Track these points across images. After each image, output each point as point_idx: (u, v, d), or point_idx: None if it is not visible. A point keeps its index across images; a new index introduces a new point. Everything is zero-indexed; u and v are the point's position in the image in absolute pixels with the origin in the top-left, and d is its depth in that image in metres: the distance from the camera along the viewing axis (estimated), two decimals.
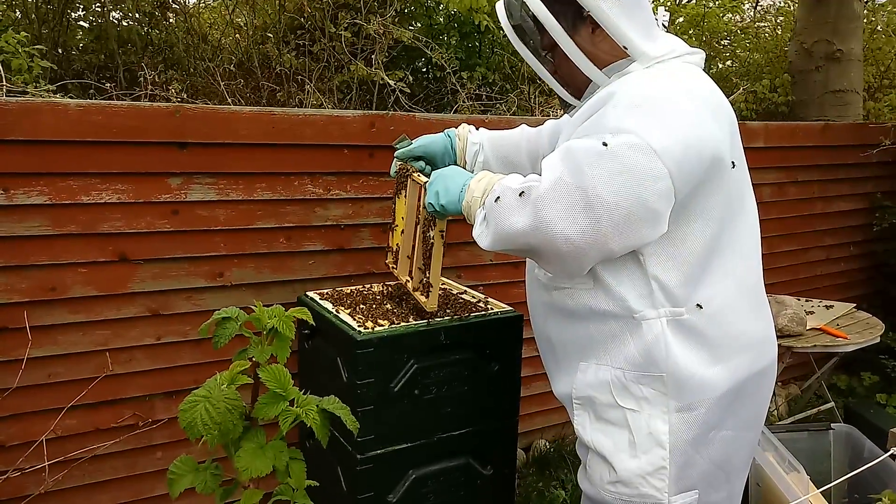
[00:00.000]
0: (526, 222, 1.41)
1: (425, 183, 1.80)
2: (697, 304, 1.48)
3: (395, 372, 1.96)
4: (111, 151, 2.16)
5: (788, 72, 4.89)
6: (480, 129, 2.07)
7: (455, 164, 2.02)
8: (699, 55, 1.57)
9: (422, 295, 1.96)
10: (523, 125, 2.06)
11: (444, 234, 1.84)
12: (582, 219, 1.35)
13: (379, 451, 1.99)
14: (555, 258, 1.44)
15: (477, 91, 3.94)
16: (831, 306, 3.49)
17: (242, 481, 0.96)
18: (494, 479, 2.23)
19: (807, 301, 3.59)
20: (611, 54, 1.51)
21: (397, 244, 2.17)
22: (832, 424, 2.87)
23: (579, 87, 1.58)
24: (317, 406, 0.97)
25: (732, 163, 1.46)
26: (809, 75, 4.71)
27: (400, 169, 2.07)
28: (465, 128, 2.06)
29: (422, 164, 2.05)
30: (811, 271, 4.13)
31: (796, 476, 2.43)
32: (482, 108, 3.82)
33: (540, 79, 1.66)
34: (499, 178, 1.56)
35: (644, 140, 1.32)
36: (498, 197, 1.48)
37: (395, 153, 2.06)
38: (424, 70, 4.61)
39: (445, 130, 2.06)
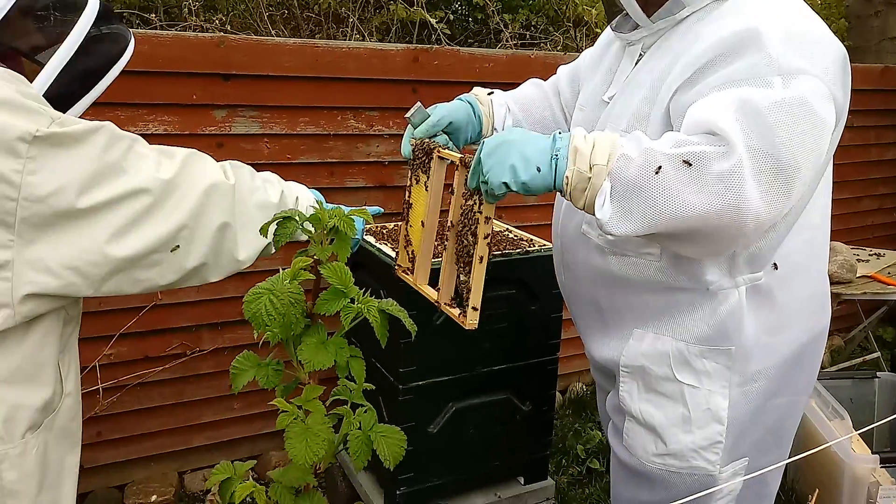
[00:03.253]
0: (710, 202, 1.08)
1: (462, 158, 1.31)
2: (773, 264, 1.36)
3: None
4: (157, 82, 2.17)
5: (845, 17, 4.67)
6: (494, 90, 1.70)
7: (479, 133, 1.65)
8: None
9: (454, 308, 1.39)
10: (533, 79, 1.80)
11: (491, 221, 1.27)
12: (775, 192, 1.11)
13: (420, 383, 2.02)
14: (716, 241, 1.17)
15: (521, 31, 3.83)
16: (882, 255, 3.39)
17: (302, 378, 0.98)
18: (533, 416, 2.25)
19: (858, 249, 3.49)
20: None
21: (407, 238, 1.53)
22: (877, 373, 2.82)
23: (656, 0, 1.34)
24: (376, 306, 0.98)
25: None
26: (867, 21, 4.50)
27: (416, 147, 1.49)
28: (482, 91, 1.69)
29: (445, 137, 1.56)
30: (863, 221, 4.01)
31: (839, 423, 2.40)
32: (527, 46, 3.72)
33: None
34: (615, 136, 1.16)
35: (826, 85, 1.16)
36: (660, 167, 1.09)
37: (415, 131, 1.52)
38: (465, 11, 4.50)
39: (458, 97, 1.64)
